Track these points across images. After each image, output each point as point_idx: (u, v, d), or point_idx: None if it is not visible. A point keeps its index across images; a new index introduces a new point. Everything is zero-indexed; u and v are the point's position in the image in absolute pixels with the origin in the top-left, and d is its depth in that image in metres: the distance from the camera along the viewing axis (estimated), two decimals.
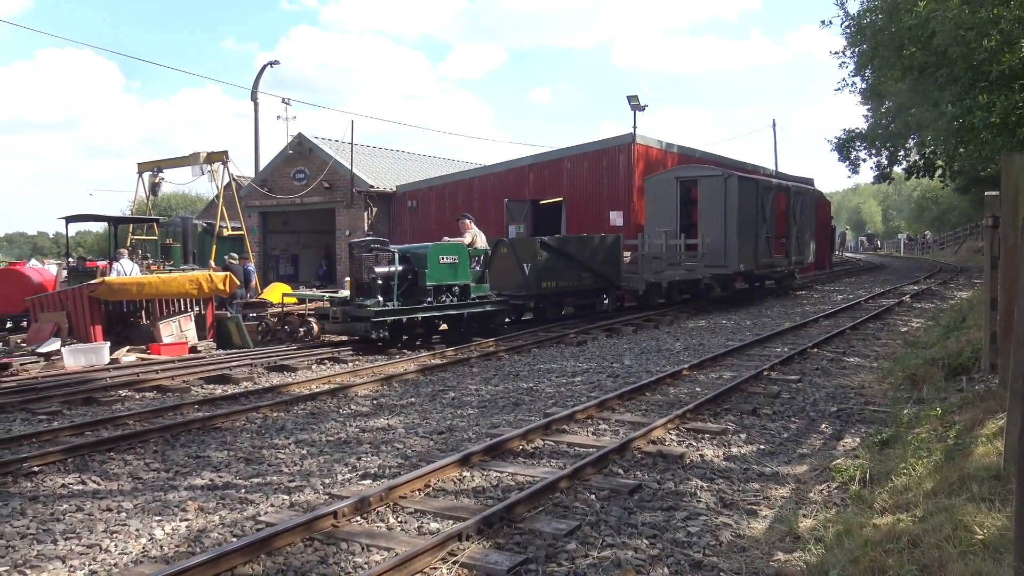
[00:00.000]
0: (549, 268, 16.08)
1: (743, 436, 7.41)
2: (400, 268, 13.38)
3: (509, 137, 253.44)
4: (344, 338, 13.93)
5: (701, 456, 6.74)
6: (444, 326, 14.54)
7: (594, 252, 17.33)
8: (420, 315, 13.46)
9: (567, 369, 11.31)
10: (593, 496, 5.67)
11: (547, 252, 16.10)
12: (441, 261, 13.74)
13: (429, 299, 13.54)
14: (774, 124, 48.98)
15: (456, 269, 13.93)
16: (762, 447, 7.07)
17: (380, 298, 13.10)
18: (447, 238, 14.16)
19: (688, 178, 22.03)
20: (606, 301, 18.33)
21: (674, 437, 7.30)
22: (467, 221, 14.93)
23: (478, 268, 14.62)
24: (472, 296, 14.21)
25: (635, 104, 25.42)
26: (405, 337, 13.65)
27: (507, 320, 15.12)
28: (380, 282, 13.18)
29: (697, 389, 9.55)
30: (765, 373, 10.22)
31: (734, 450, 6.97)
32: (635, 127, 25.50)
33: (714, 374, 10.55)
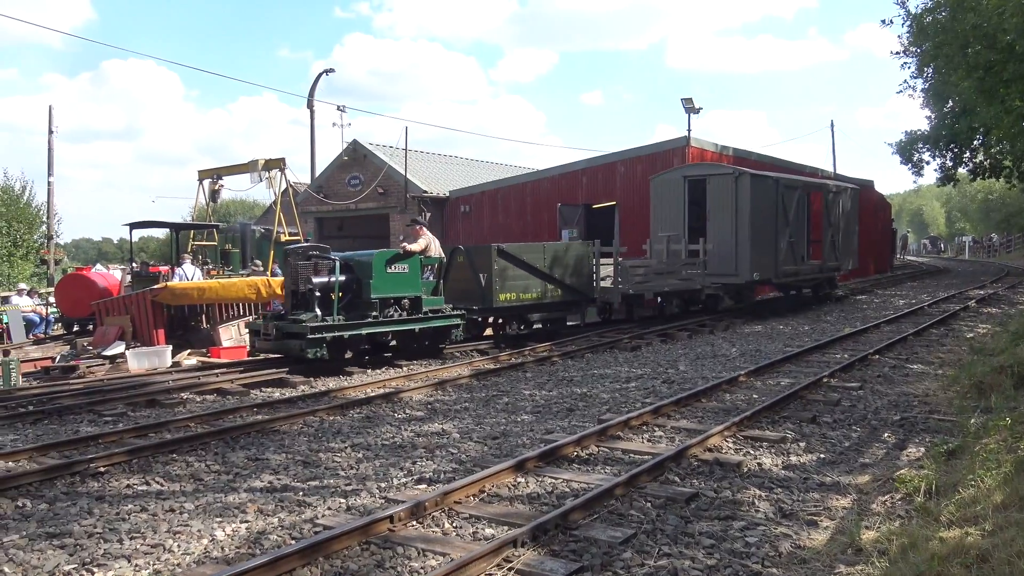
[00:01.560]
0: (508, 279, 14.22)
1: (802, 444, 7.27)
2: (342, 278, 11.89)
3: (561, 141, 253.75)
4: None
5: (759, 464, 6.62)
6: (394, 342, 13.18)
7: (561, 261, 15.31)
8: (364, 331, 11.98)
9: (621, 374, 11.24)
10: (649, 504, 5.61)
11: (505, 261, 14.23)
12: (388, 271, 12.32)
13: (375, 313, 12.10)
14: (832, 125, 48.19)
15: (406, 280, 12.52)
16: (822, 456, 6.93)
17: (318, 312, 11.59)
18: (405, 244, 12.80)
19: (697, 177, 19.76)
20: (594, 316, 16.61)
21: (731, 445, 7.19)
22: (419, 227, 13.53)
23: (432, 279, 13.28)
24: (425, 309, 12.79)
25: (689, 107, 25.20)
26: (349, 355, 12.31)
27: (462, 337, 13.55)
28: (319, 294, 11.65)
29: (754, 396, 9.40)
30: (825, 380, 10.01)
31: (793, 459, 6.84)
32: (689, 130, 25.30)
33: (771, 380, 10.38)
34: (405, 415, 8.91)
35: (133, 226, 20.84)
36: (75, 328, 19.41)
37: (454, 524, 5.31)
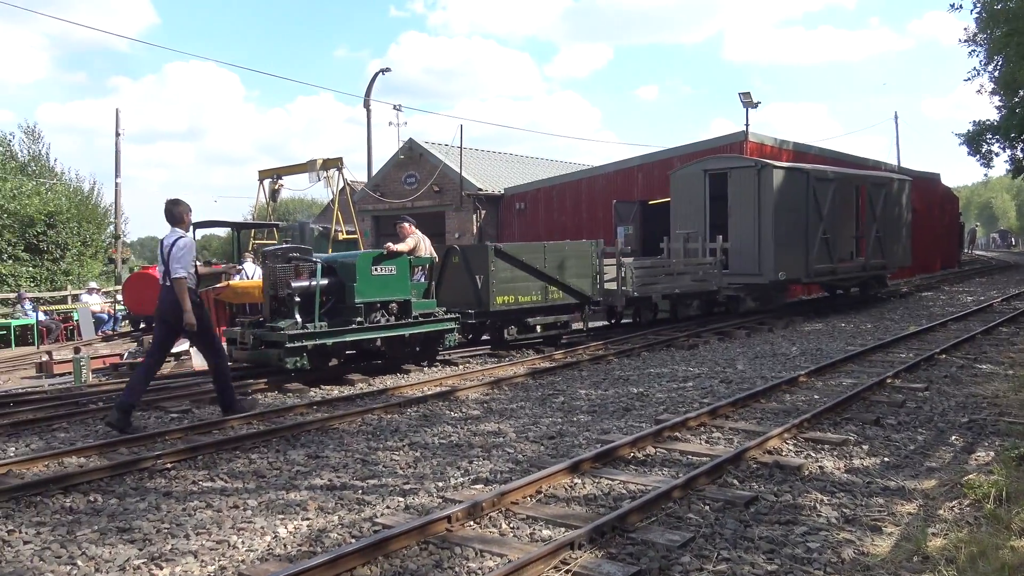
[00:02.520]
0: (505, 281, 13.39)
1: (865, 447, 7.12)
2: (324, 282, 11.07)
3: (616, 137, 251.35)
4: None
5: (820, 468, 6.50)
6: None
7: (563, 262, 14.32)
8: (349, 338, 11.16)
9: (678, 374, 11.14)
10: (707, 507, 5.55)
11: (502, 261, 13.39)
12: (374, 273, 11.42)
13: (359, 319, 11.18)
14: (895, 117, 46.97)
15: (393, 282, 11.58)
16: (886, 459, 6.77)
17: (299, 318, 10.75)
18: (389, 244, 12.05)
19: (718, 170, 18.83)
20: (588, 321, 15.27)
21: (791, 447, 7.08)
22: (407, 225, 12.76)
23: (423, 280, 12.57)
24: (415, 313, 11.87)
25: (747, 101, 24.88)
26: (334, 362, 11.72)
27: (456, 343, 12.60)
28: (299, 299, 10.80)
29: (815, 397, 9.23)
30: (888, 380, 9.78)
31: (856, 462, 6.70)
32: (747, 124, 25.00)
33: (833, 381, 10.17)
34: (461, 414, 8.97)
35: (196, 225, 21.31)
36: (141, 325, 19.98)
37: (511, 525, 5.33)
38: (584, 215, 27.79)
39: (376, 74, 36.93)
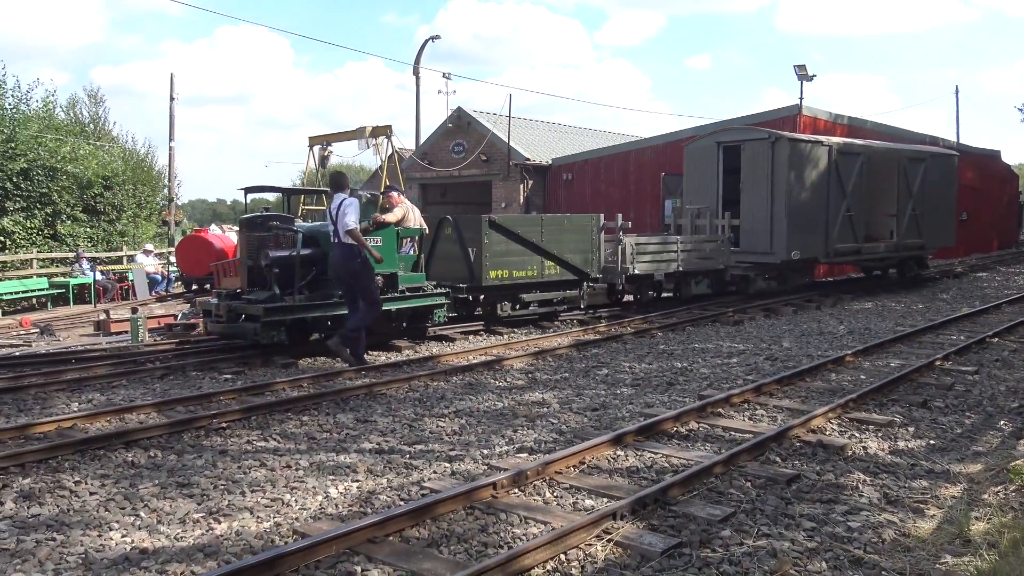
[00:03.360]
0: (500, 254, 12.72)
1: (911, 429, 7.09)
2: (304, 253, 10.54)
3: (667, 107, 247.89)
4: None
5: (864, 448, 6.51)
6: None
7: (560, 236, 13.59)
8: (331, 312, 10.59)
9: (723, 349, 11.14)
10: (749, 483, 5.61)
11: (497, 234, 12.74)
12: None
13: (341, 292, 10.57)
14: (956, 91, 45.58)
15: (379, 254, 10.56)
16: (932, 442, 6.74)
17: (277, 290, 10.32)
18: (376, 215, 11.19)
19: (732, 143, 17.75)
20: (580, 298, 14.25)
21: (835, 427, 7.08)
22: (395, 194, 11.95)
23: (412, 252, 11.83)
24: (402, 287, 11.32)
25: (802, 74, 24.41)
26: (316, 336, 11.04)
27: (446, 319, 12.10)
28: (278, 270, 10.34)
29: (861, 377, 9.18)
30: (938, 363, 9.67)
31: (901, 444, 6.69)
32: (801, 97, 24.60)
33: (880, 361, 10.09)
34: (506, 383, 9.11)
35: (247, 191, 21.69)
36: (194, 287, 20.50)
37: (555, 494, 5.45)
38: (632, 187, 27.61)
39: (425, 41, 36.86)
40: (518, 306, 13.41)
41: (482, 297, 13.24)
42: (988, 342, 11.28)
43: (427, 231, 12.44)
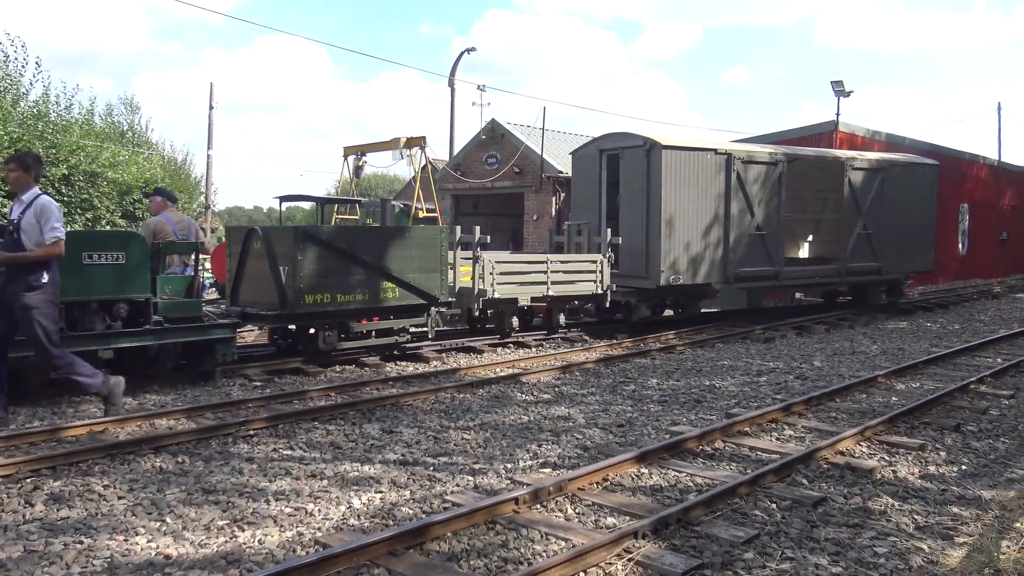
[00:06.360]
0: (319, 274, 10.21)
1: (943, 454, 6.96)
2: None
3: (703, 121, 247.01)
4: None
5: (894, 472, 6.40)
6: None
7: (402, 252, 11.08)
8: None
9: (752, 367, 11.03)
10: (774, 505, 5.55)
11: (315, 248, 10.22)
12: (86, 261, 8.38)
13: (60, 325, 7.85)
14: (999, 107, 44.83)
15: (120, 274, 8.61)
16: (964, 467, 6.62)
17: None
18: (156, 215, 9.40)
19: (613, 150, 15.37)
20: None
21: (864, 449, 6.97)
22: (159, 199, 9.98)
23: (184, 272, 9.82)
24: (159, 317, 9.05)
25: (839, 90, 24.18)
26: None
27: (234, 356, 9.80)
28: None
29: (893, 399, 9.03)
30: (972, 386, 9.49)
31: (932, 468, 6.57)
32: (838, 113, 24.38)
33: (914, 383, 9.92)
34: (532, 397, 9.09)
35: (283, 199, 21.92)
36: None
37: (576, 510, 5.43)
38: None
39: (461, 54, 37.13)
40: (349, 337, 10.95)
41: (296, 327, 11.08)
42: None
43: (206, 245, 10.34)
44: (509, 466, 6.44)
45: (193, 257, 9.84)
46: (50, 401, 8.37)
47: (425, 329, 11.63)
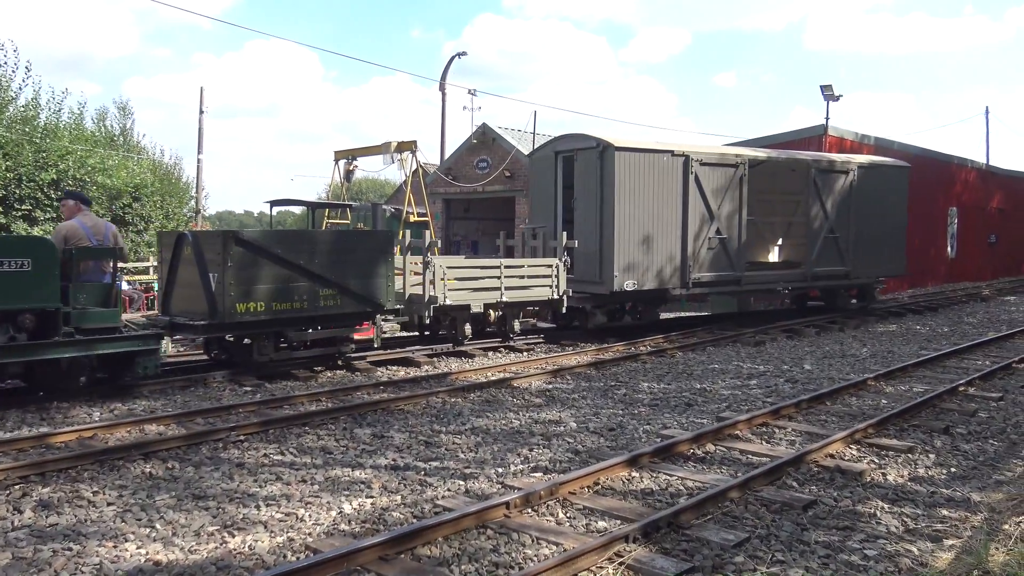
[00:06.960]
0: (252, 281, 9.71)
1: (932, 456, 6.99)
2: None
3: (693, 125, 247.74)
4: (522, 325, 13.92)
5: (883, 475, 6.43)
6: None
7: (342, 257, 10.59)
8: None
9: (743, 370, 11.06)
10: (764, 508, 5.56)
11: (248, 254, 9.69)
12: None
13: None
14: (987, 112, 45.08)
15: (27, 283, 8.02)
16: (953, 470, 6.65)
17: None
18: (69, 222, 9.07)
19: (568, 152, 15.00)
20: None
21: (854, 452, 7.00)
22: (71, 202, 9.36)
23: (103, 279, 9.06)
24: (70, 328, 8.45)
25: (828, 94, 24.27)
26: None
27: (157, 369, 9.14)
28: None
29: (883, 401, 9.07)
30: (961, 388, 9.54)
31: (921, 471, 6.60)
32: (827, 118, 24.40)
33: (903, 386, 9.97)
34: (523, 401, 9.09)
35: (273, 204, 21.93)
36: None
37: (567, 515, 5.43)
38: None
39: (452, 58, 37.19)
40: (285, 348, 10.54)
41: (228, 338, 10.47)
42: (1014, 368, 11.12)
43: (125, 251, 10.28)
44: (500, 470, 6.44)
45: (111, 264, 9.21)
46: (39, 407, 8.33)
47: (371, 337, 11.31)
